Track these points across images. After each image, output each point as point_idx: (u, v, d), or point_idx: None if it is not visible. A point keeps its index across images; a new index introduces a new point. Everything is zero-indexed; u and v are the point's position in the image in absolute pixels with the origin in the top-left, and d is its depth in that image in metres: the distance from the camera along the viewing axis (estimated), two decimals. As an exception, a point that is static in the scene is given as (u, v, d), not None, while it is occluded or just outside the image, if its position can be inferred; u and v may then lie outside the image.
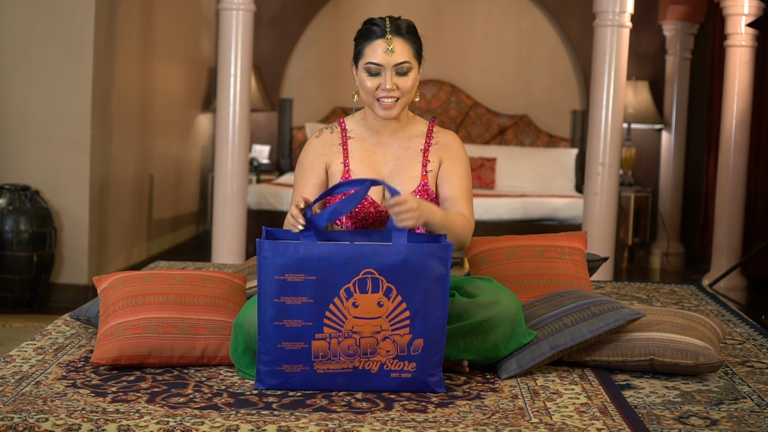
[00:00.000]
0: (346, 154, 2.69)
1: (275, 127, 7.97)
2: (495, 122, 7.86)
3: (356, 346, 2.33)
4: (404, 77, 2.60)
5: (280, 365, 2.34)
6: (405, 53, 2.60)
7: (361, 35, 2.63)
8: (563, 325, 2.56)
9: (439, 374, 2.36)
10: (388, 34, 2.58)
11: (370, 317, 2.31)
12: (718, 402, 2.35)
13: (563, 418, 2.17)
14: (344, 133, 2.72)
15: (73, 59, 5.33)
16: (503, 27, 7.91)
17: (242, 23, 5.20)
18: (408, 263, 2.31)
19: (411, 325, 2.32)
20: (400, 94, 2.60)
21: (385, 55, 2.58)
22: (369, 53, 2.59)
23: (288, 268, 2.31)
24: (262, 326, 2.34)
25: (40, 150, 5.36)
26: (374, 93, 2.61)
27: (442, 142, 2.73)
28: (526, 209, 6.64)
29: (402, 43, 2.60)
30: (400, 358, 2.34)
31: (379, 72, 2.59)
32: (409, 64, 2.60)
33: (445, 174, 2.70)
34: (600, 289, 3.78)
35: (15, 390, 2.30)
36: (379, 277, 2.30)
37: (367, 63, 2.59)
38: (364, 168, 2.68)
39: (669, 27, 7.53)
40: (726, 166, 6.18)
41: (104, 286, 2.76)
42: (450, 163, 2.70)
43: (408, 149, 2.71)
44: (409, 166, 2.69)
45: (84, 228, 5.39)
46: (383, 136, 2.71)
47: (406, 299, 2.32)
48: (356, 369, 2.34)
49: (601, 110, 5.16)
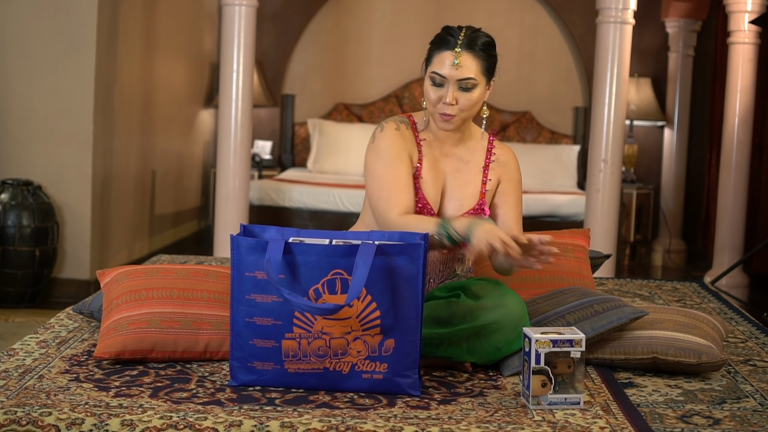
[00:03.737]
0: (420, 157, 2.62)
1: (277, 123, 7.97)
2: (497, 119, 7.86)
3: (326, 347, 2.29)
4: (467, 93, 2.53)
5: (252, 362, 2.33)
6: (472, 69, 2.52)
7: (434, 41, 2.56)
8: (566, 323, 2.56)
9: (413, 376, 2.30)
10: (458, 47, 2.51)
11: (340, 318, 2.28)
12: (720, 401, 2.34)
13: (566, 416, 2.17)
14: (415, 130, 2.64)
15: (76, 54, 5.33)
16: (505, 23, 7.90)
17: (245, 19, 5.20)
18: (377, 263, 2.25)
19: (381, 325, 2.28)
20: (458, 110, 2.54)
21: (451, 68, 2.51)
22: (436, 62, 2.53)
23: (259, 266, 2.29)
24: (235, 322, 2.33)
25: (42, 145, 5.36)
26: (436, 104, 2.55)
27: (502, 160, 2.68)
28: (528, 206, 6.63)
29: (471, 59, 2.51)
30: (372, 359, 2.30)
31: (443, 84, 2.53)
32: (474, 80, 2.52)
33: (501, 194, 2.67)
34: (602, 286, 3.78)
35: (18, 384, 2.30)
36: (348, 278, 2.26)
37: (432, 72, 2.53)
38: (432, 175, 2.61)
39: (672, 24, 7.52)
40: (728, 164, 6.18)
41: (107, 280, 2.76)
42: (508, 185, 2.67)
43: (468, 163, 2.66)
44: (469, 182, 2.64)
45: (86, 223, 5.39)
46: (446, 145, 2.65)
47: (376, 299, 2.27)
48: (327, 370, 2.31)
49: (604, 107, 5.16)
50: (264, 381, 2.34)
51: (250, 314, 2.31)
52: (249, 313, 2.31)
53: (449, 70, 2.51)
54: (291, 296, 2.23)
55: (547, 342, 2.20)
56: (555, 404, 2.22)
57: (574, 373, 2.22)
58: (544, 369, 2.21)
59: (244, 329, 2.33)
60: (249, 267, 2.31)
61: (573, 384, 2.22)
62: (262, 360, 2.32)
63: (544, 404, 2.22)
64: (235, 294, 2.33)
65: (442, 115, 2.55)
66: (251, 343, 2.32)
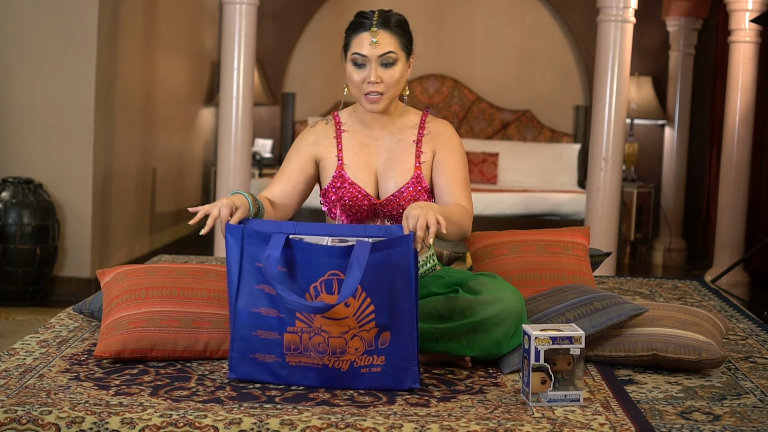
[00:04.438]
0: (340, 147, 2.70)
1: (278, 122, 7.97)
2: (498, 117, 7.86)
3: (325, 345, 2.30)
4: (389, 69, 2.59)
5: (254, 353, 2.33)
6: (391, 44, 2.59)
7: (350, 27, 2.64)
8: (566, 320, 2.56)
9: (412, 368, 2.30)
10: (374, 26, 2.58)
11: (338, 318, 2.28)
12: (720, 397, 2.35)
13: (565, 413, 2.17)
14: (338, 126, 2.73)
15: (77, 53, 5.33)
16: (506, 22, 7.90)
17: (245, 17, 5.20)
18: (370, 258, 2.26)
19: (376, 318, 2.29)
20: (384, 87, 2.60)
21: (370, 47, 2.58)
22: (355, 44, 2.60)
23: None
24: (237, 313, 2.33)
25: (43, 143, 5.37)
26: (361, 86, 2.61)
27: (435, 132, 2.71)
28: (529, 204, 6.64)
29: (388, 36, 2.59)
30: (369, 353, 2.30)
31: (365, 63, 2.59)
32: (394, 54, 2.59)
33: (439, 164, 2.68)
34: (602, 284, 3.78)
35: (18, 383, 2.31)
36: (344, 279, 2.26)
37: (353, 54, 2.60)
38: (357, 161, 2.68)
39: (672, 22, 7.52)
40: (729, 162, 6.18)
41: (107, 279, 2.77)
42: (444, 153, 2.68)
43: (400, 141, 2.70)
44: (401, 158, 2.67)
45: (87, 221, 5.40)
46: (374, 129, 2.71)
47: (370, 294, 2.28)
48: (326, 367, 2.31)
49: (604, 106, 5.16)
50: (264, 375, 2.34)
51: (256, 305, 2.32)
52: (256, 303, 2.32)
53: (369, 49, 2.58)
54: (284, 292, 2.23)
55: (547, 339, 2.20)
56: (555, 401, 2.22)
57: (574, 370, 2.22)
58: (544, 366, 2.21)
59: (247, 320, 2.32)
60: (258, 258, 2.31)
61: (573, 381, 2.23)
62: (264, 352, 2.32)
63: (543, 401, 2.22)
64: (242, 285, 2.33)
65: (367, 96, 2.61)
66: (255, 335, 2.32)
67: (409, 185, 2.65)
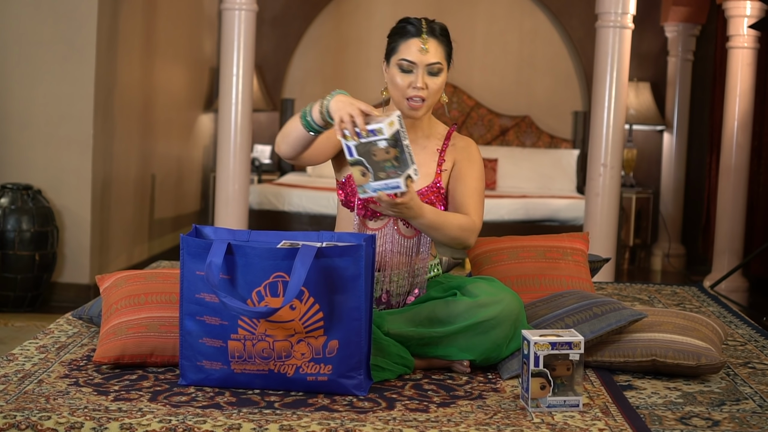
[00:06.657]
0: None
1: (277, 127, 7.97)
2: (496, 123, 7.86)
3: (270, 350, 2.29)
4: (434, 78, 2.62)
5: (201, 360, 2.34)
6: (438, 54, 2.61)
7: (396, 32, 2.65)
8: (565, 325, 2.56)
9: (359, 377, 2.31)
10: (423, 33, 2.60)
11: (283, 321, 2.28)
12: (719, 403, 2.35)
13: (565, 419, 2.17)
14: None
15: (76, 59, 5.33)
16: (505, 28, 7.91)
17: (244, 23, 5.21)
18: (319, 264, 2.26)
19: (325, 326, 2.29)
20: (427, 94, 2.61)
21: (419, 54, 2.59)
22: (403, 50, 2.61)
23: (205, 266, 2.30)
24: (183, 321, 2.35)
25: (42, 149, 5.37)
26: (405, 91, 2.61)
27: (459, 146, 2.74)
28: (528, 210, 6.64)
29: (436, 45, 2.62)
30: (316, 361, 2.30)
31: (411, 70, 2.60)
32: (440, 65, 2.62)
33: (457, 174, 2.70)
34: (602, 290, 3.78)
35: (18, 388, 2.31)
36: (289, 280, 2.25)
37: (401, 59, 2.61)
38: None
39: (671, 28, 7.53)
40: (728, 168, 6.18)
41: (106, 285, 2.77)
42: (464, 164, 2.71)
43: (425, 148, 2.71)
44: (424, 163, 2.69)
45: (86, 227, 5.39)
46: None
47: (318, 300, 2.27)
48: (272, 372, 2.31)
49: (603, 111, 5.16)
50: (212, 381, 2.35)
51: (200, 313, 2.33)
52: (199, 311, 2.33)
53: (417, 56, 2.59)
54: (227, 299, 2.24)
55: (546, 345, 2.20)
56: (554, 407, 2.22)
57: (573, 376, 2.22)
58: (543, 371, 2.21)
59: (194, 328, 2.34)
60: (199, 266, 2.32)
61: (572, 386, 2.23)
62: (211, 359, 2.33)
63: (543, 407, 2.22)
64: (185, 293, 2.34)
65: (410, 101, 2.61)
66: (201, 342, 2.34)
67: (428, 189, 2.66)
